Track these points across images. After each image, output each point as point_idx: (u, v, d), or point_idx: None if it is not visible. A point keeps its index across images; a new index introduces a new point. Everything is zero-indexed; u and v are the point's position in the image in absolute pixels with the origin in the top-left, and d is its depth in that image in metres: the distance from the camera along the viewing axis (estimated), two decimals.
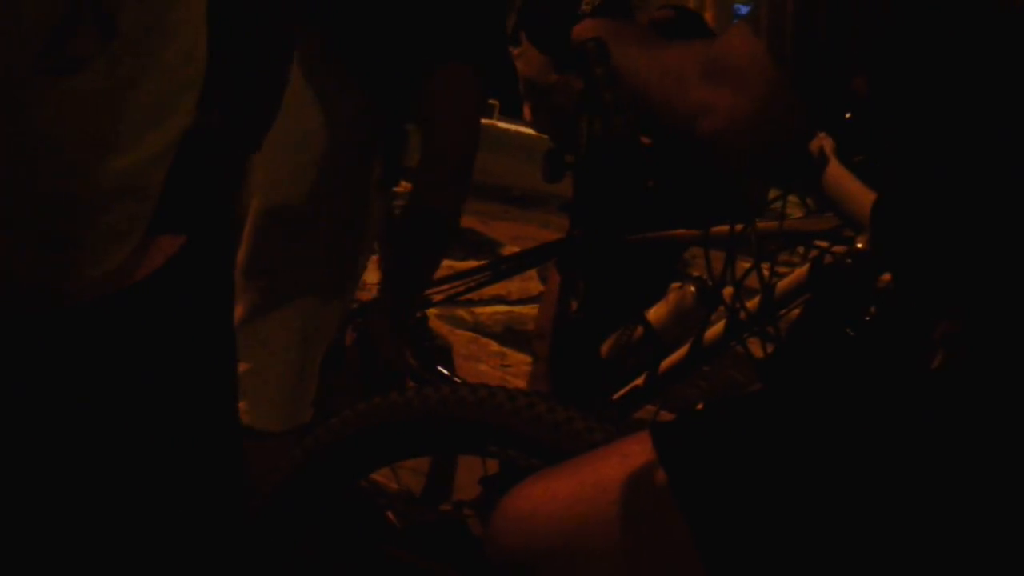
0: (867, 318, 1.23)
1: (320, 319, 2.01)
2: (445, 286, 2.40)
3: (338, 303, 2.05)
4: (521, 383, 3.15)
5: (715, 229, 1.82)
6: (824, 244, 1.66)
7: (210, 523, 1.08)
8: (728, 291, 1.73)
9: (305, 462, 1.63)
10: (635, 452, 1.05)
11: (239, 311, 1.93)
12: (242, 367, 1.93)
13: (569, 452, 1.44)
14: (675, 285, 2.04)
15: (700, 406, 1.81)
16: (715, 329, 1.89)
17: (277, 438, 1.94)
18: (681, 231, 1.99)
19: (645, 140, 1.23)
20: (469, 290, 2.42)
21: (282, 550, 1.67)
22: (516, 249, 3.04)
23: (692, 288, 1.96)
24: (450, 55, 1.98)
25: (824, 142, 1.48)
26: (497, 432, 1.53)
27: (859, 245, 1.39)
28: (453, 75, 1.99)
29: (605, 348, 2.00)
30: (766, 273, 1.68)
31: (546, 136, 2.58)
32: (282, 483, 1.64)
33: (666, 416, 1.87)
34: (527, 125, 2.65)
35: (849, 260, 1.39)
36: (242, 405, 1.92)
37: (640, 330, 2.00)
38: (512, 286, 4.83)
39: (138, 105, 0.91)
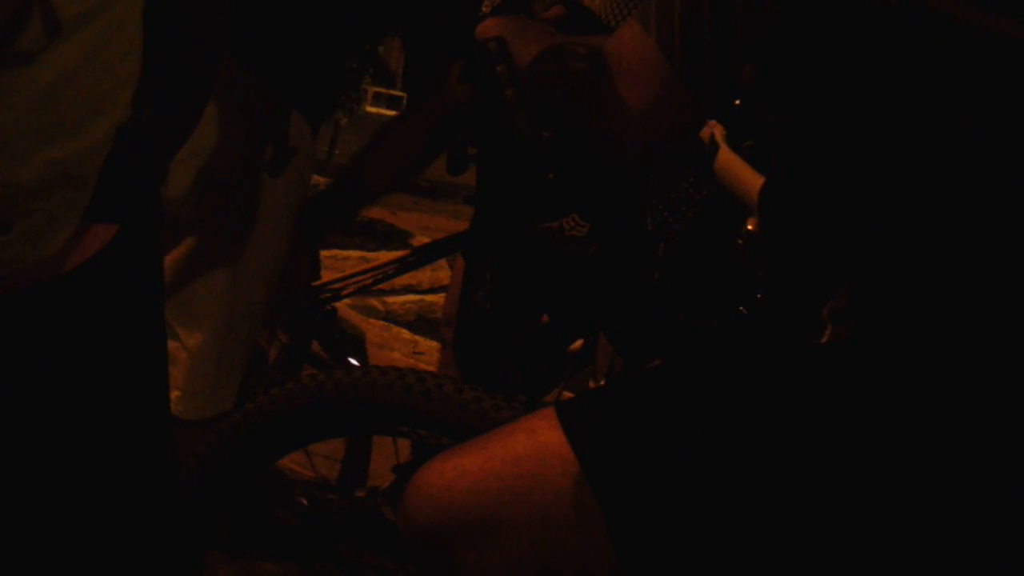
0: (759, 296, 1.28)
1: (234, 309, 2.01)
2: (356, 278, 2.42)
3: (253, 295, 2.05)
4: (433, 369, 3.19)
5: None
6: None
7: (140, 507, 1.10)
8: None
9: (220, 446, 1.65)
10: (542, 427, 1.08)
11: None
12: None
13: (477, 431, 1.46)
14: None
15: (602, 382, 1.86)
16: None
17: (194, 427, 1.95)
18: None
19: (546, 134, 1.25)
20: (378, 281, 2.44)
21: (200, 533, 1.68)
22: (426, 239, 3.08)
23: None
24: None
25: (715, 129, 1.53)
26: (407, 413, 1.55)
27: (749, 227, 1.43)
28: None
29: (515, 335, 2.04)
30: None
31: None
32: (198, 467, 1.65)
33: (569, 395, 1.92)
34: None
35: (740, 241, 1.44)
36: None
37: (547, 317, 2.04)
38: (423, 276, 4.87)
39: (79, 98, 0.95)
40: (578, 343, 2.02)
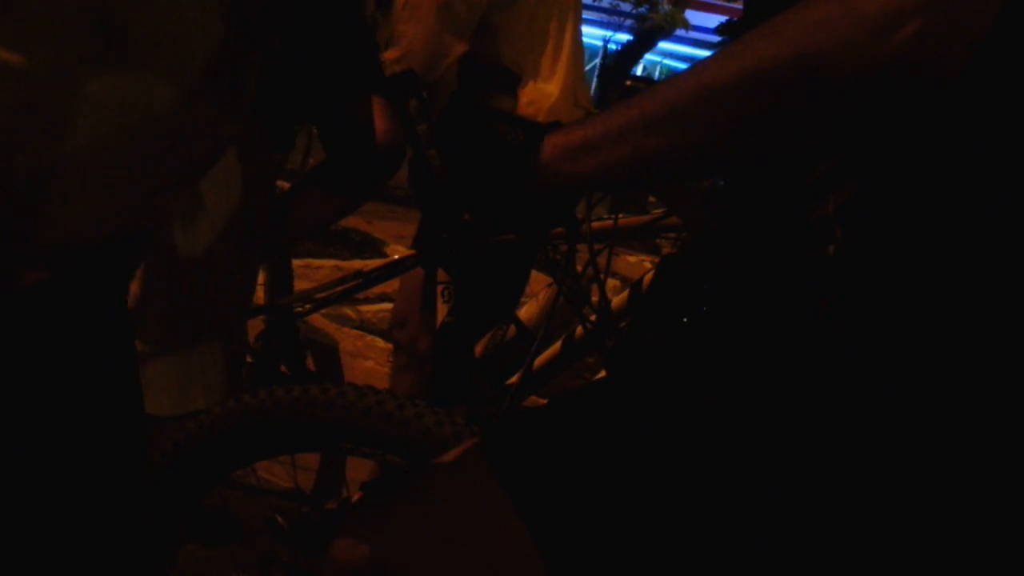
0: (700, 308, 1.25)
1: (213, 306, 2.01)
2: (322, 293, 2.42)
3: (235, 294, 2.05)
4: None
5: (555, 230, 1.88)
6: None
7: (112, 527, 1.11)
8: (613, 283, 1.78)
9: (166, 463, 1.64)
10: (469, 464, 1.07)
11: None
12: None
13: (419, 446, 1.48)
14: (547, 282, 2.09)
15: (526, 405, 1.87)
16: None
17: (164, 423, 1.95)
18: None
19: (460, 174, 1.17)
20: (346, 294, 2.44)
21: (152, 544, 1.68)
22: (400, 247, 3.09)
23: None
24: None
25: None
26: (348, 430, 1.54)
27: (684, 237, 1.44)
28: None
29: (479, 347, 2.05)
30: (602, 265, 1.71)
31: None
32: (148, 482, 1.65)
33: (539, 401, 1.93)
34: None
35: (677, 251, 1.44)
36: None
37: (513, 329, 2.05)
38: (396, 284, 4.86)
39: None
40: (546, 354, 2.03)
